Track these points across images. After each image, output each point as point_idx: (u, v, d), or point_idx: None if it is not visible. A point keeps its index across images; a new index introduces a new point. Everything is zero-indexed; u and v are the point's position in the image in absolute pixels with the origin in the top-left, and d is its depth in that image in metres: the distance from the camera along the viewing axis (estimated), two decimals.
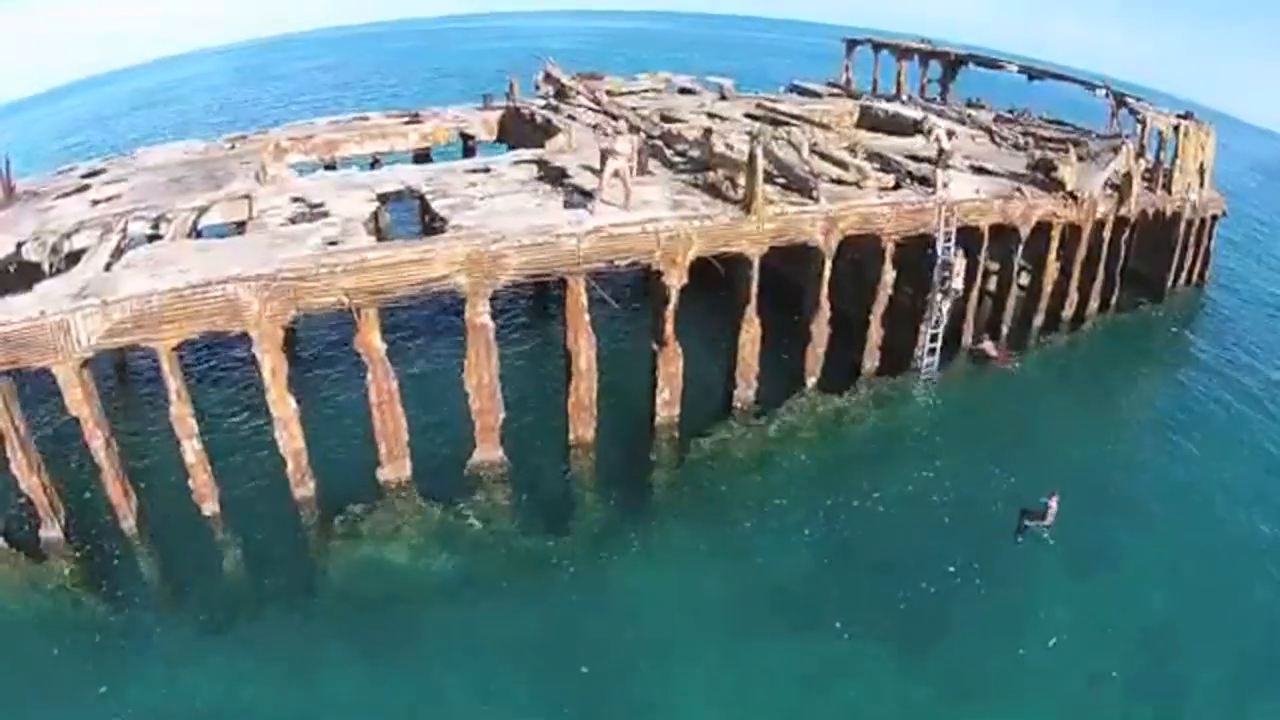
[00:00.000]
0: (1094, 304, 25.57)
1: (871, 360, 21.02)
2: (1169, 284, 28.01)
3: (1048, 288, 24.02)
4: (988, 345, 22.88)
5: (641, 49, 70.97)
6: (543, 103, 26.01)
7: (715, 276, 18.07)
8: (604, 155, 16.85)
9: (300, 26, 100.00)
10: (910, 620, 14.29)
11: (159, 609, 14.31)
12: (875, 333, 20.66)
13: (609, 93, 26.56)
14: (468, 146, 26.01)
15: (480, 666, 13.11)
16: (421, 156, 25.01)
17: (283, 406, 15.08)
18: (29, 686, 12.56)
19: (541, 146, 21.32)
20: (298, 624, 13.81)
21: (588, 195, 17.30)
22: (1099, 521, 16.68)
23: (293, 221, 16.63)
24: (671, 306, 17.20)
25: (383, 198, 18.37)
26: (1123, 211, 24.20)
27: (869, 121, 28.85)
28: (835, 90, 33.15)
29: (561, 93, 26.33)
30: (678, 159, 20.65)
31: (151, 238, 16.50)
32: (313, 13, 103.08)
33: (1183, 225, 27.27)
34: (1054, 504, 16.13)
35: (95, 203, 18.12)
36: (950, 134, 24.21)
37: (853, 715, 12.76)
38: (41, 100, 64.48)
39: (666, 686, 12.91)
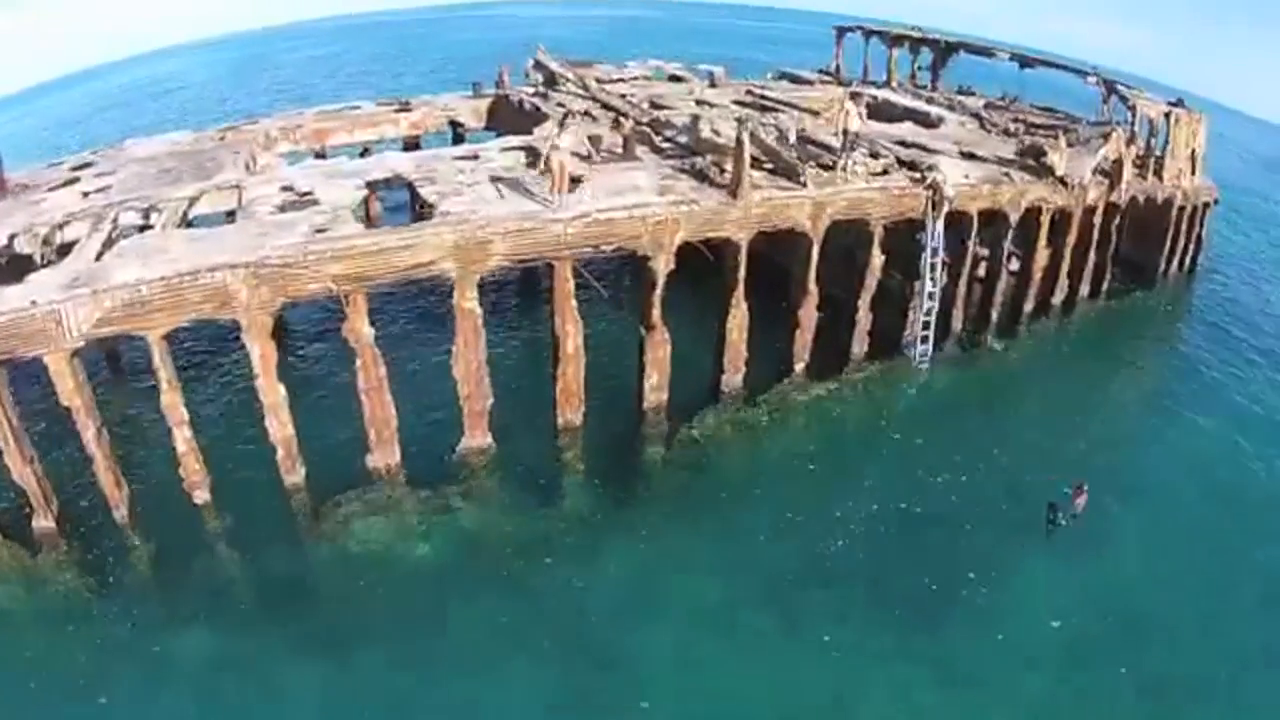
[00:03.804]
0: (1085, 290, 25.62)
1: (860, 345, 21.10)
2: (1161, 270, 28.08)
3: (1038, 274, 24.10)
4: None
5: (635, 38, 70.63)
6: (532, 90, 26.02)
7: (704, 262, 18.13)
8: (548, 152, 16.63)
9: (297, 17, 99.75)
10: (899, 606, 14.35)
11: (151, 597, 14.40)
12: (864, 318, 20.73)
13: (598, 80, 26.55)
14: (457, 134, 26.05)
15: (469, 651, 13.23)
16: (411, 144, 25.04)
17: (272, 394, 15.17)
18: (21, 676, 12.66)
19: (530, 133, 21.34)
20: (288, 611, 13.93)
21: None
22: (1095, 506, 16.53)
23: (282, 210, 16.68)
24: (659, 291, 17.29)
25: (371, 185, 18.43)
26: (1114, 198, 24.24)
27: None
28: (826, 78, 33.12)
29: (551, 80, 26.34)
30: (666, 145, 20.68)
31: (142, 228, 16.55)
32: (309, 4, 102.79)
33: (1174, 212, 27.32)
34: (1082, 498, 16.11)
35: (86, 194, 18.15)
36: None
37: (843, 703, 12.81)
38: (33, 94, 64.35)
39: (653, 672, 13.02)
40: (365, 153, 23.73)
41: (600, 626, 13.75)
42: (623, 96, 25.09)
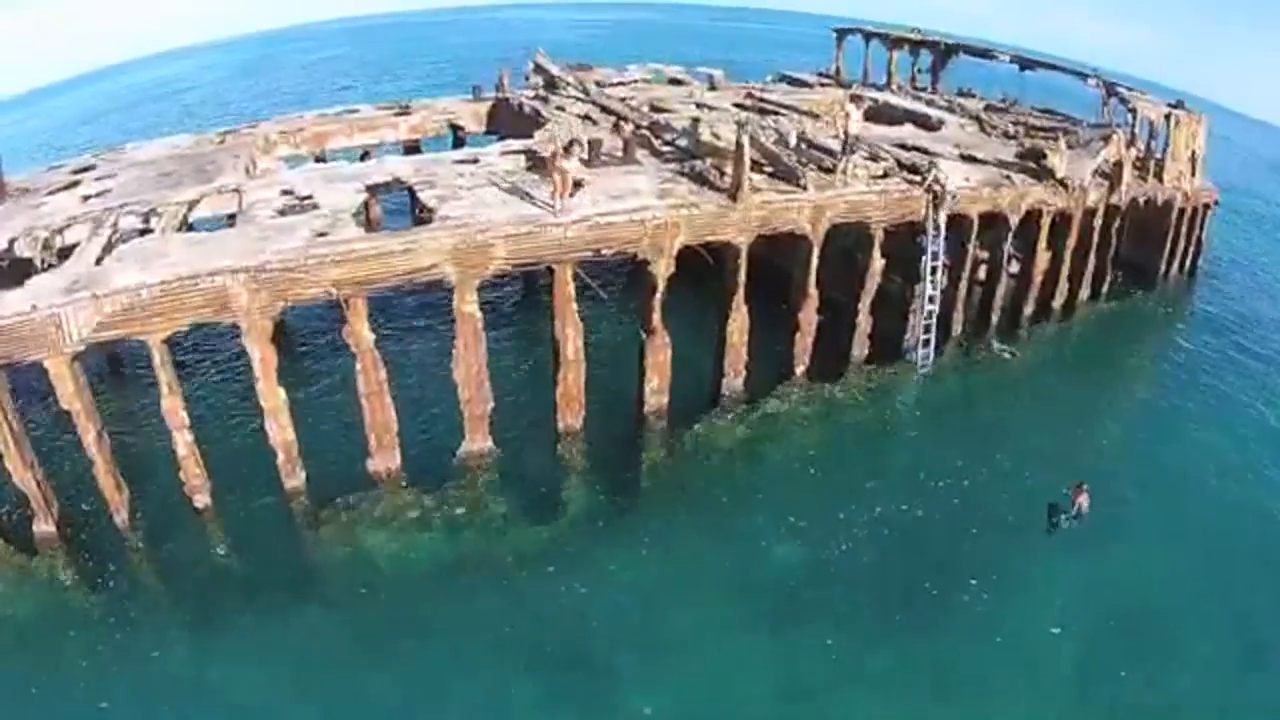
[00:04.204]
0: (1085, 292, 25.60)
1: (861, 349, 21.08)
2: (1161, 272, 28.07)
3: (1038, 276, 24.08)
4: None
5: (635, 41, 70.76)
6: (532, 94, 26.04)
7: (704, 265, 18.13)
8: (552, 158, 16.53)
9: (299, 20, 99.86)
10: (900, 611, 14.32)
11: (152, 601, 14.44)
12: (864, 321, 20.71)
13: (598, 84, 26.57)
14: (457, 137, 26.07)
15: (469, 654, 13.23)
16: (411, 148, 25.07)
17: (272, 398, 15.17)
18: (22, 680, 12.67)
19: (530, 137, 21.36)
20: (288, 614, 13.91)
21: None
22: (1095, 509, 16.44)
23: (282, 214, 16.68)
24: (659, 295, 17.27)
25: (371, 189, 18.44)
26: (1114, 200, 24.23)
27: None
28: (825, 80, 33.14)
29: (551, 84, 26.37)
30: (666, 148, 20.67)
31: (143, 232, 16.56)
32: (312, 7, 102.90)
33: (1174, 214, 27.32)
34: (1083, 498, 16.12)
35: (86, 198, 18.17)
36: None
37: (845, 708, 12.80)
38: (35, 97, 64.44)
39: (652, 674, 13.01)
40: (365, 156, 23.77)
41: (603, 633, 13.70)
42: (623, 100, 25.11)
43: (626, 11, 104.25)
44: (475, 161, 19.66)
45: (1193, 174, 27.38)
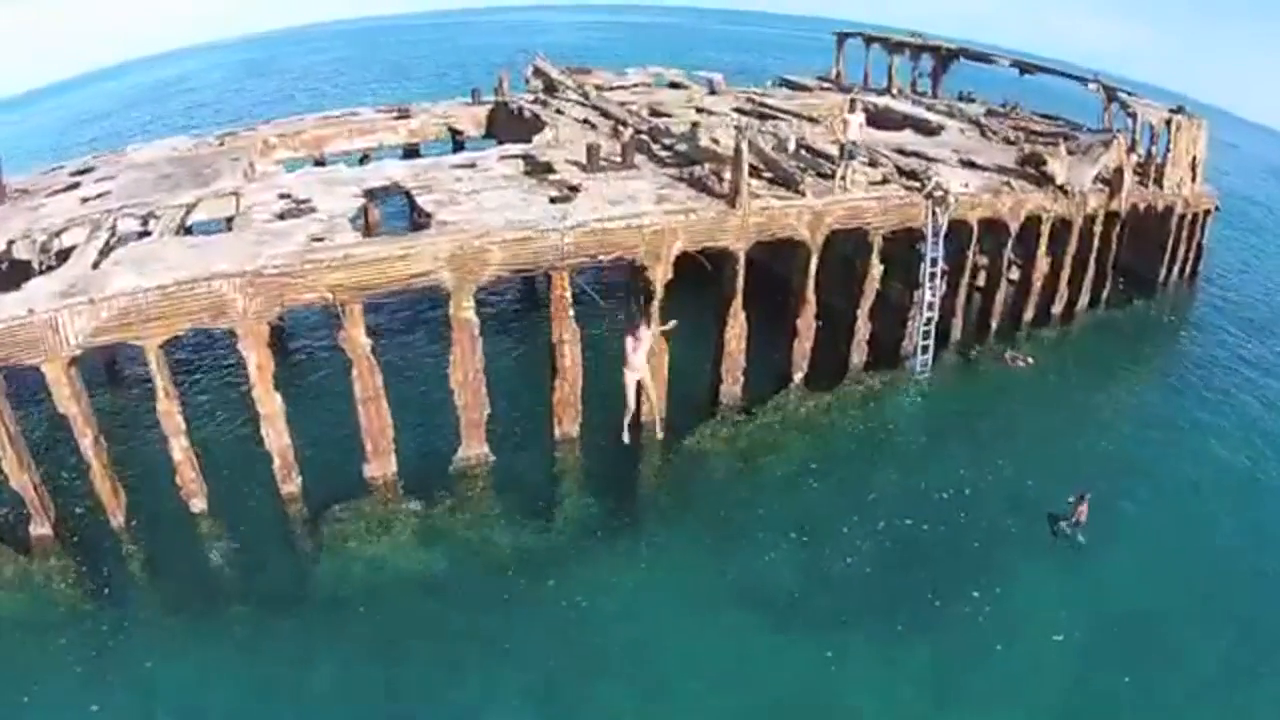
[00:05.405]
0: (1084, 299, 25.56)
1: (860, 355, 21.04)
2: (1161, 279, 28.02)
3: (1037, 282, 24.05)
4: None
5: (637, 44, 70.79)
6: (531, 97, 26.03)
7: (702, 271, 18.09)
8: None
9: (308, 20, 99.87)
10: (903, 622, 14.23)
11: (147, 605, 14.39)
12: (863, 327, 20.68)
13: (598, 87, 26.56)
14: (457, 141, 26.06)
15: (464, 664, 13.16)
16: (410, 152, 25.07)
17: (268, 403, 15.14)
18: (14, 684, 12.62)
19: (529, 141, 21.35)
20: (284, 621, 13.86)
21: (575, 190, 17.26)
22: (1097, 518, 16.40)
23: (280, 218, 16.68)
24: (656, 301, 17.23)
25: (369, 194, 18.43)
26: (1114, 206, 24.19)
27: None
28: (825, 84, 33.13)
29: (550, 87, 26.36)
30: (664, 153, 20.65)
31: (141, 235, 16.58)
32: (320, 7, 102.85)
33: (1175, 220, 27.28)
34: (1083, 508, 16.10)
35: (85, 200, 18.18)
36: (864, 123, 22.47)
37: (841, 715, 12.74)
38: (37, 96, 64.46)
39: (650, 685, 12.94)
40: (365, 160, 23.77)
41: (595, 641, 13.64)
42: (622, 104, 25.10)
43: (627, 14, 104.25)
44: (473, 166, 19.65)
45: (1193, 179, 27.34)
